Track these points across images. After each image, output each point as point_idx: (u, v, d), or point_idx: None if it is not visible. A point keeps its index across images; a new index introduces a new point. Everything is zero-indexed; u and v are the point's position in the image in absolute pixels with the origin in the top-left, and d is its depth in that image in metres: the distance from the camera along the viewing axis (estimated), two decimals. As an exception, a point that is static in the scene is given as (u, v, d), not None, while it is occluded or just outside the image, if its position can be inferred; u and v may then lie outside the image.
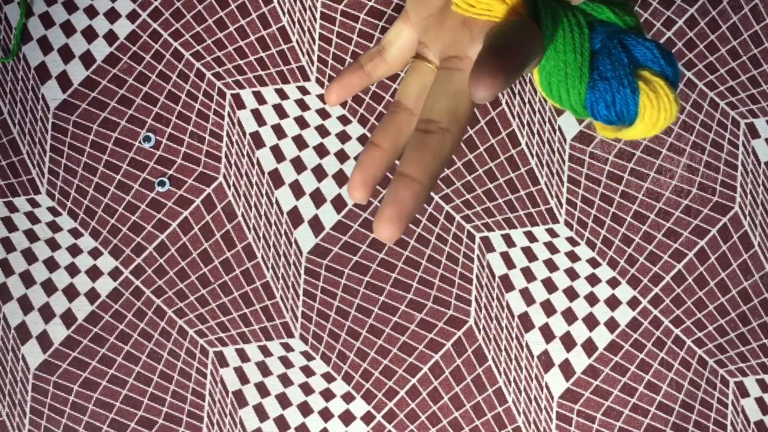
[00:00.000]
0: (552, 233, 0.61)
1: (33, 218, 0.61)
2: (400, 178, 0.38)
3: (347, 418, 0.61)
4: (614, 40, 0.38)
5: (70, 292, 0.61)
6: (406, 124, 0.45)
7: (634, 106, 0.37)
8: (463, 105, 0.39)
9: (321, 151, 0.61)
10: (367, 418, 0.61)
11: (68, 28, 0.62)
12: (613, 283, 0.61)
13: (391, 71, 0.50)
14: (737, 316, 0.61)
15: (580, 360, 0.61)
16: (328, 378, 0.61)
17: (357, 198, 0.44)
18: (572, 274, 0.61)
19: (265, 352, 0.61)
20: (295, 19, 0.61)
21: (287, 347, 0.61)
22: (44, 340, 0.61)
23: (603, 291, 0.61)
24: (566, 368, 0.61)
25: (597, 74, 0.37)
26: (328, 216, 0.61)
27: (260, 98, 0.61)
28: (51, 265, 0.61)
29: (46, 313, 0.61)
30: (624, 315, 0.61)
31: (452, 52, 0.41)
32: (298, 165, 0.61)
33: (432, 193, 0.61)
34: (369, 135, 0.61)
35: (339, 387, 0.61)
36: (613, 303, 0.61)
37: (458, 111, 0.39)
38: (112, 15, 0.62)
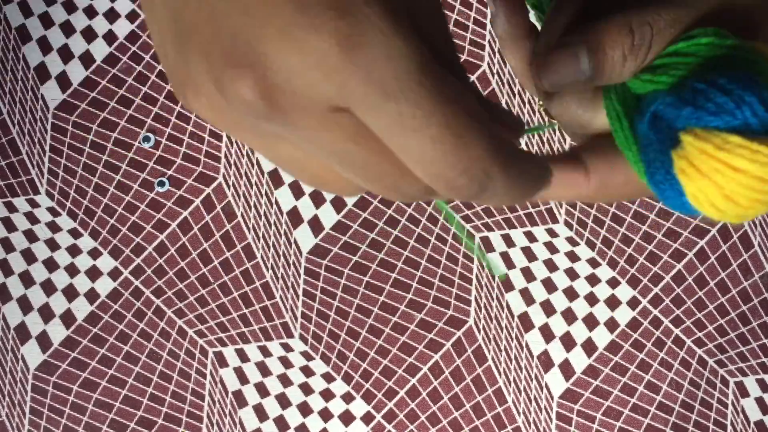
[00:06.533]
0: (552, 233, 0.61)
1: (32, 218, 0.61)
2: None
3: (347, 418, 0.61)
4: (650, 117, 0.26)
5: (70, 293, 0.61)
6: None
7: (677, 197, 0.25)
8: None
9: (321, 151, 0.61)
10: (367, 418, 0.61)
11: (68, 29, 0.62)
12: (613, 282, 0.61)
13: None
14: (737, 316, 0.61)
15: (579, 360, 0.61)
16: (328, 378, 0.61)
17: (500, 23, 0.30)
18: (572, 273, 0.61)
19: (265, 352, 0.61)
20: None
21: (287, 347, 0.61)
22: (44, 340, 0.61)
23: (603, 291, 0.61)
24: (566, 368, 0.61)
25: (647, 166, 0.27)
26: (328, 216, 0.61)
27: (260, 98, 0.61)
28: (50, 265, 0.61)
29: (46, 313, 0.61)
30: (624, 315, 0.61)
31: None
32: (298, 165, 0.61)
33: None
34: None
35: (339, 387, 0.61)
36: (613, 303, 0.61)
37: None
38: (112, 15, 0.62)
